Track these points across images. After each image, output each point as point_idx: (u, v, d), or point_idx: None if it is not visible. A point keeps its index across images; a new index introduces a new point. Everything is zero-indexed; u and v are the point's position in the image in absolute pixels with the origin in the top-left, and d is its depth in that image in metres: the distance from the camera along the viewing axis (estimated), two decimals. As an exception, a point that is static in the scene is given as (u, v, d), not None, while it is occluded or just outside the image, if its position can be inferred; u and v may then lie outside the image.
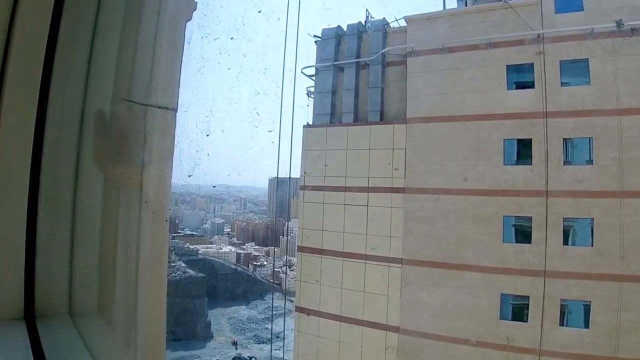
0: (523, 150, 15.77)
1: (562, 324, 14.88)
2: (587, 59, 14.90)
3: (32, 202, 1.77)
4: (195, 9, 2.22)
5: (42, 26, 1.71)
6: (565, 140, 15.15)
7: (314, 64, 20.33)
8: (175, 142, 2.02)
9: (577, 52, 15.07)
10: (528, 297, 15.25)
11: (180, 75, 1.99)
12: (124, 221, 2.02)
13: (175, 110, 1.96)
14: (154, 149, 1.93)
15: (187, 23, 2.12)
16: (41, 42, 1.71)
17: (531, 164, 15.44)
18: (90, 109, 1.92)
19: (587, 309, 14.56)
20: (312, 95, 20.43)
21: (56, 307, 1.88)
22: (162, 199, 1.95)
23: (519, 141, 15.91)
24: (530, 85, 15.75)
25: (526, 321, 15.28)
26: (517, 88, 16.09)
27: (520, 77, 16.06)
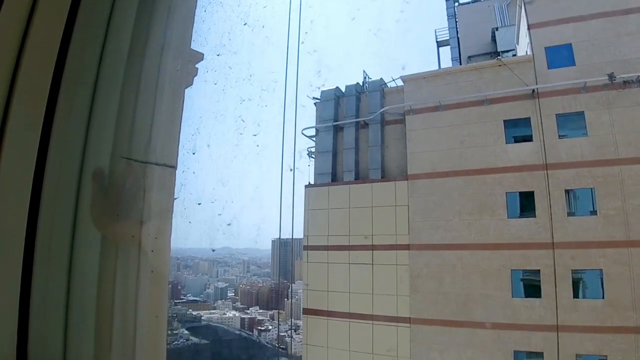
0: (526, 203, 15.74)
1: (579, 382, 14.17)
2: (583, 111, 15.23)
3: (27, 262, 1.74)
4: (196, 75, 2.28)
5: (43, 81, 1.75)
6: (567, 191, 15.18)
7: (314, 124, 20.82)
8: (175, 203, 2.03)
9: (572, 105, 15.45)
10: (542, 353, 14.61)
11: (180, 132, 2.04)
12: (122, 280, 1.98)
13: (174, 167, 1.99)
14: (153, 206, 1.94)
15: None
16: (41, 99, 1.75)
17: (535, 216, 15.37)
18: (88, 167, 1.94)
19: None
20: (313, 155, 20.73)
21: None
22: (162, 256, 1.93)
23: (521, 194, 15.91)
24: (528, 138, 16.01)
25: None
26: (515, 142, 16.34)
27: (518, 131, 16.34)
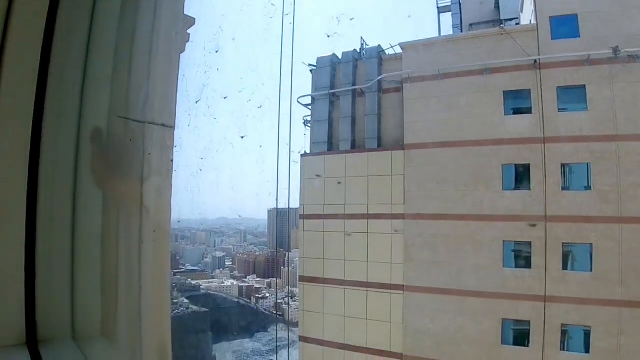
0: (521, 176, 15.83)
1: (562, 348, 14.75)
2: (585, 85, 15.05)
3: (30, 224, 1.76)
4: (188, 41, 2.23)
5: (34, 42, 1.72)
6: (563, 165, 15.23)
7: (310, 92, 20.55)
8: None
9: (574, 78, 15.25)
10: (529, 322, 15.10)
11: (177, 92, 2.03)
12: (125, 239, 2.00)
13: (173, 127, 1.98)
14: (153, 165, 1.95)
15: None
16: (34, 60, 1.73)
17: (530, 189, 15.49)
18: (86, 127, 1.93)
19: (587, 334, 14.43)
20: (309, 124, 20.59)
21: (59, 331, 1.85)
22: (163, 214, 1.95)
23: (517, 166, 15.96)
24: (527, 111, 15.90)
25: (527, 346, 15.13)
26: (514, 114, 16.23)
27: (518, 103, 16.22)
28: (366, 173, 18.07)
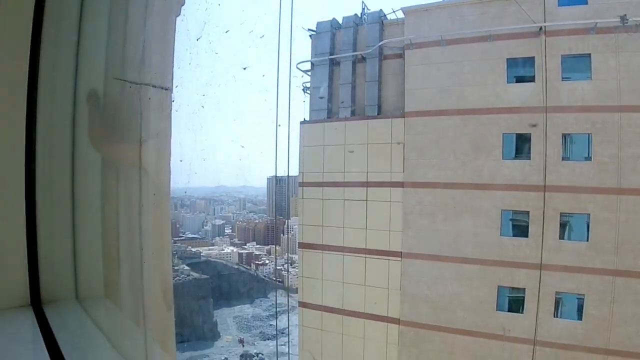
0: (522, 145, 15.76)
1: (556, 315, 15.10)
2: (590, 54, 14.76)
3: (29, 188, 1.76)
4: (184, 4, 2.18)
5: (26, 4, 1.69)
6: (564, 135, 15.12)
7: (309, 58, 20.14)
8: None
9: (579, 46, 14.94)
10: (524, 289, 15.41)
11: (173, 54, 1.99)
12: (125, 202, 2.00)
13: (170, 89, 1.94)
14: (151, 127, 1.92)
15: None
16: (27, 21, 1.69)
17: (530, 159, 15.44)
18: (82, 89, 1.90)
19: (580, 301, 14.76)
20: (308, 91, 20.26)
21: (63, 293, 1.88)
22: (163, 177, 1.93)
23: (518, 136, 15.86)
24: (530, 79, 15.64)
25: (522, 312, 15.49)
26: (517, 82, 15.97)
27: (521, 71, 15.94)
28: (366, 141, 17.95)
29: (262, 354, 63.07)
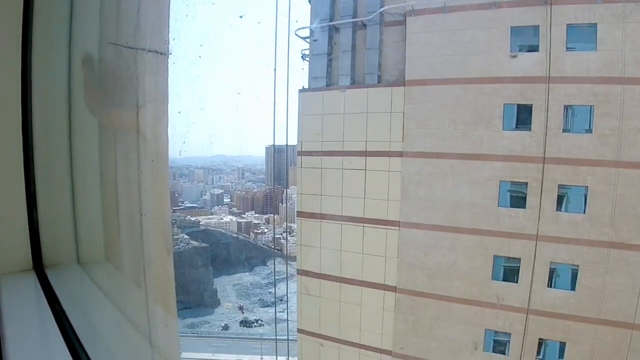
0: (523, 116, 15.57)
1: (550, 285, 15.38)
2: (596, 23, 14.40)
3: (27, 155, 1.75)
4: None
5: None
6: (566, 107, 14.93)
7: (308, 24, 19.71)
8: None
9: (585, 16, 14.56)
10: (519, 259, 15.63)
11: (169, 19, 1.94)
12: (124, 168, 2.00)
13: (166, 54, 1.92)
14: (148, 92, 1.90)
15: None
16: None
17: (530, 130, 15.32)
18: (77, 53, 1.86)
19: (574, 272, 15.00)
20: (307, 58, 19.88)
21: (64, 257, 1.90)
22: (161, 142, 1.92)
23: (519, 106, 15.66)
24: (534, 48, 15.31)
25: (516, 282, 15.76)
26: (520, 51, 15.64)
27: (525, 40, 15.58)
28: (365, 110, 17.77)
29: (262, 320, 64.73)
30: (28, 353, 1.20)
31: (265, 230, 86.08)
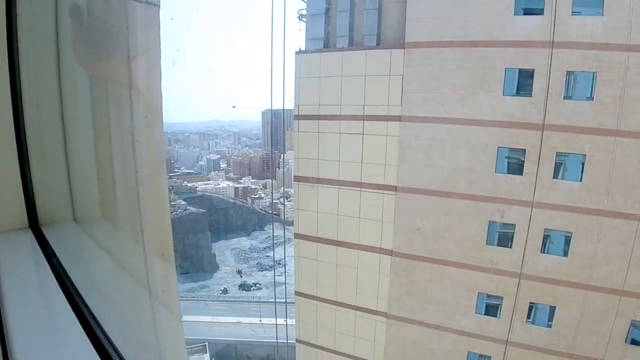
0: (524, 82, 15.28)
1: (543, 251, 15.61)
2: (604, -13, 13.93)
3: (16, 111, 1.67)
4: None
5: None
6: (568, 73, 14.61)
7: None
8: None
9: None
10: (514, 225, 15.80)
11: None
12: (117, 122, 1.94)
13: (157, 5, 1.83)
14: (139, 44, 1.82)
15: None
16: None
17: (531, 96, 15.08)
18: (64, 3, 1.78)
19: (567, 239, 15.20)
20: (304, 19, 19.29)
21: (60, 215, 1.87)
22: (154, 97, 1.86)
23: (521, 71, 15.34)
24: (539, 12, 14.83)
25: (510, 247, 16.00)
26: (525, 14, 15.16)
27: (529, 2, 15.08)
28: (364, 72, 17.42)
29: (260, 284, 66.14)
30: (28, 306, 1.19)
31: (263, 195, 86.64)
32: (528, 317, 16.17)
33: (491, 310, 16.74)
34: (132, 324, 1.83)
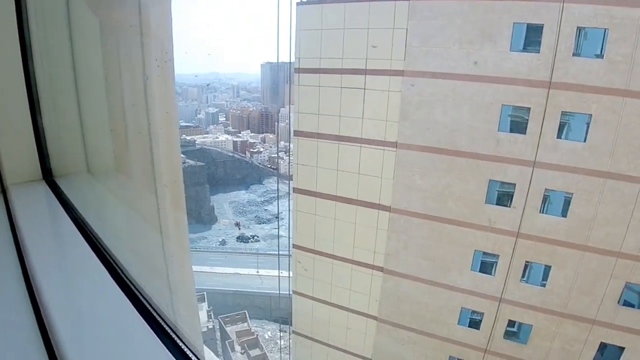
0: (532, 37, 14.79)
1: (542, 211, 15.69)
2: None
3: (25, 62, 1.59)
4: None
5: None
6: (579, 29, 14.10)
7: None
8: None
9: None
10: (514, 184, 15.82)
11: None
12: (129, 72, 1.86)
13: None
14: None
15: None
16: None
17: (539, 52, 14.65)
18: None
19: (567, 200, 15.22)
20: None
21: (74, 167, 1.86)
22: (166, 44, 1.75)
23: (529, 26, 14.82)
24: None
25: (509, 206, 16.09)
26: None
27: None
28: (366, 25, 16.88)
29: (258, 236, 67.38)
30: (49, 251, 1.20)
31: (261, 149, 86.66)
32: (523, 276, 16.53)
33: (486, 268, 17.10)
34: (152, 266, 1.88)
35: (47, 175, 1.72)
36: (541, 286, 16.26)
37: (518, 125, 15.43)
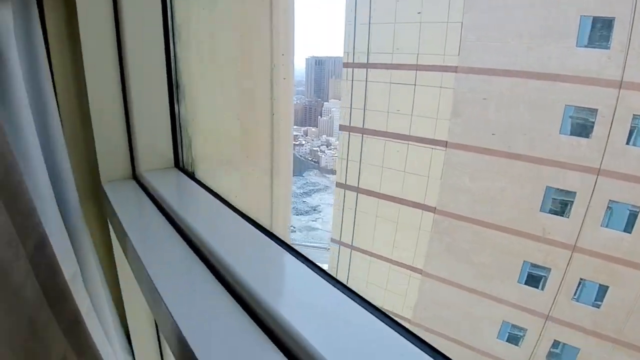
0: (602, 31, 13.69)
1: (603, 225, 14.38)
2: None
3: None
4: None
5: None
6: (655, 22, 12.86)
7: None
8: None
9: None
10: (575, 193, 14.63)
11: None
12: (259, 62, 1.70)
13: None
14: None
15: None
16: None
17: (608, 49, 13.49)
18: None
19: (633, 214, 13.83)
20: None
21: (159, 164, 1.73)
22: (289, 35, 1.68)
23: (598, 19, 13.71)
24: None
25: (567, 217, 14.92)
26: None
27: None
28: (419, 19, 16.28)
29: (294, 227, 68.30)
30: (154, 245, 1.18)
31: (303, 142, 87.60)
32: (574, 294, 15.37)
33: (535, 281, 16.01)
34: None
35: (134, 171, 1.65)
36: (594, 307, 14.97)
37: (582, 128, 14.31)
